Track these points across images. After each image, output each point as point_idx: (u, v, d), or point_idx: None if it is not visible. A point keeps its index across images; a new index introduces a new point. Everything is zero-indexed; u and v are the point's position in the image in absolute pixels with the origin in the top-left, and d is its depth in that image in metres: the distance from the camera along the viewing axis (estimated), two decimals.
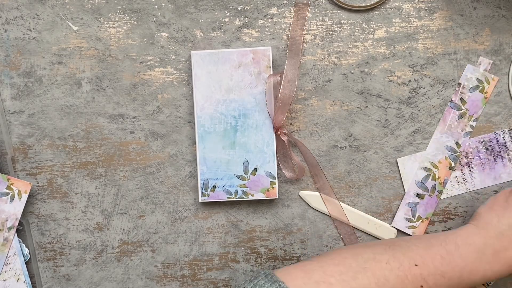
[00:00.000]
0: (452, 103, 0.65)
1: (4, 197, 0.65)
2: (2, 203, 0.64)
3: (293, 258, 0.66)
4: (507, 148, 0.65)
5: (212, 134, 0.64)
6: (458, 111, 0.65)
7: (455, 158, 0.65)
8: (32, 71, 0.66)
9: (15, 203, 0.65)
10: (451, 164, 0.65)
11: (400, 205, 0.65)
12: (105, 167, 0.67)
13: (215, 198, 0.64)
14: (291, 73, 0.63)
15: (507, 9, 0.64)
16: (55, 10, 0.66)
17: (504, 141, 0.65)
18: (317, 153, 0.66)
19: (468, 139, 0.65)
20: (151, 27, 0.66)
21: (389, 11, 0.65)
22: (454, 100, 0.65)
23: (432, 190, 0.65)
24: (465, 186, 0.65)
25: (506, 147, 0.65)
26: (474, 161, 0.65)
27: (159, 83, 0.66)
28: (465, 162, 0.65)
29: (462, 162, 0.65)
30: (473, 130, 0.65)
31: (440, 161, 0.65)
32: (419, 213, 0.65)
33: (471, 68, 0.64)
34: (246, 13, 0.66)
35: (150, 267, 0.67)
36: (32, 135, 0.67)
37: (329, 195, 0.65)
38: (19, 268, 0.66)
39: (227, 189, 0.64)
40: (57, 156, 0.67)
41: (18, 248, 0.66)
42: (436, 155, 0.65)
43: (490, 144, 0.65)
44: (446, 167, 0.65)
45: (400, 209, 0.65)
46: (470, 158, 0.65)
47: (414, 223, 0.65)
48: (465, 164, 0.65)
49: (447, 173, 0.65)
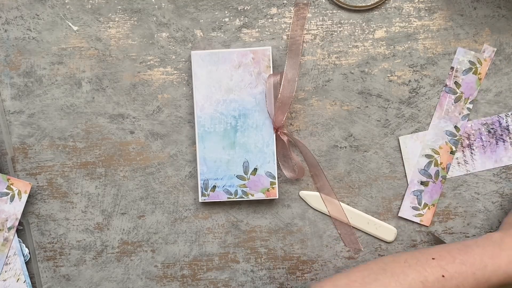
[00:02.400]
0: (447, 87, 0.65)
1: (4, 197, 0.65)
2: (2, 203, 0.64)
3: (293, 258, 0.67)
4: (509, 131, 0.65)
5: (212, 134, 0.64)
6: (453, 95, 0.65)
7: (455, 142, 0.65)
8: (32, 71, 0.66)
9: (15, 203, 0.65)
10: (452, 149, 0.65)
11: (405, 195, 0.65)
12: (105, 167, 0.67)
13: (215, 198, 0.64)
14: (291, 73, 0.63)
15: (507, 9, 0.64)
16: (55, 10, 0.66)
17: (507, 124, 0.65)
18: (317, 153, 0.66)
19: (466, 122, 0.65)
20: (151, 27, 0.66)
21: (389, 11, 0.65)
22: (448, 84, 0.65)
23: (436, 176, 0.65)
24: (465, 168, 0.65)
25: (508, 130, 0.65)
26: (475, 143, 0.65)
27: (159, 83, 0.66)
28: (467, 144, 0.65)
29: (464, 144, 0.65)
30: (470, 112, 0.65)
31: (440, 147, 0.65)
32: (425, 201, 0.65)
33: (462, 51, 0.64)
34: (246, 13, 0.66)
35: (150, 267, 0.67)
36: (32, 135, 0.67)
37: (329, 195, 0.65)
38: (19, 268, 0.66)
39: (227, 189, 0.64)
40: (57, 156, 0.67)
41: (18, 248, 0.66)
42: (436, 141, 0.65)
43: (492, 127, 0.65)
44: (448, 152, 0.65)
45: (406, 198, 0.65)
46: (472, 140, 0.65)
47: (421, 211, 0.65)
48: (467, 146, 0.65)
49: (449, 158, 0.65)
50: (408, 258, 0.54)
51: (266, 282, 0.67)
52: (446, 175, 0.65)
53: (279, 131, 0.64)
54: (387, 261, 0.55)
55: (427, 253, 0.55)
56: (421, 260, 0.54)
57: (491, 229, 0.65)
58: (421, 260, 0.54)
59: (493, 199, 0.65)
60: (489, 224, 0.65)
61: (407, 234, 0.66)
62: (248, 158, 0.64)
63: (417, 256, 0.55)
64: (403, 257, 0.55)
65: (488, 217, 0.65)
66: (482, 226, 0.65)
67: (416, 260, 0.54)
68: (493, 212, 0.65)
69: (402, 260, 0.54)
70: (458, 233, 0.65)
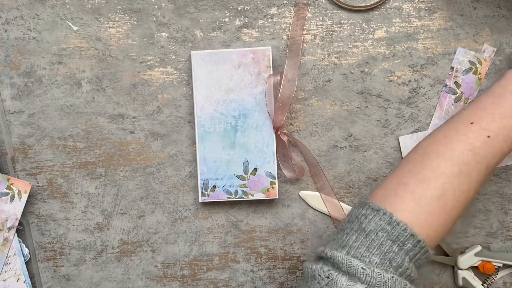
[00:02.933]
0: (447, 87, 0.65)
1: (4, 197, 0.65)
2: (2, 203, 0.64)
3: (293, 258, 0.67)
4: None
5: (212, 134, 0.64)
6: (453, 95, 0.65)
7: None
8: (32, 71, 0.66)
9: (15, 203, 0.65)
10: None
11: None
12: (105, 167, 0.67)
13: (215, 198, 0.64)
14: (291, 73, 0.63)
15: (507, 9, 0.64)
16: (55, 10, 0.66)
17: None
18: (317, 153, 0.66)
19: None
20: (151, 27, 0.66)
21: (389, 11, 0.65)
22: (448, 84, 0.65)
23: None
24: None
25: None
26: None
27: (159, 83, 0.66)
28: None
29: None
30: None
31: None
32: None
33: (462, 51, 0.64)
34: (246, 13, 0.66)
35: (150, 267, 0.67)
36: (32, 135, 0.67)
37: (329, 195, 0.65)
38: (19, 268, 0.66)
39: (227, 189, 0.64)
40: (57, 156, 0.67)
41: (18, 248, 0.66)
42: None
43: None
44: None
45: None
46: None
47: None
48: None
49: None
50: (446, 132, 0.52)
51: (266, 282, 0.67)
52: None
53: (279, 131, 0.64)
54: (425, 144, 0.53)
55: (463, 120, 0.52)
56: (460, 128, 0.51)
57: (491, 229, 0.65)
58: (460, 129, 0.51)
59: (493, 199, 0.65)
60: (489, 224, 0.65)
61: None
62: (248, 158, 0.64)
63: (454, 127, 0.52)
64: (440, 133, 0.52)
65: (488, 217, 0.65)
66: (482, 226, 0.65)
67: (455, 131, 0.51)
68: (493, 212, 0.65)
69: (441, 137, 0.52)
70: (458, 233, 0.65)
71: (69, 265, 0.68)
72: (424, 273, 0.66)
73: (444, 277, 0.66)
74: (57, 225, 0.67)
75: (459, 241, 0.66)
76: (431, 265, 0.66)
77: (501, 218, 0.65)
